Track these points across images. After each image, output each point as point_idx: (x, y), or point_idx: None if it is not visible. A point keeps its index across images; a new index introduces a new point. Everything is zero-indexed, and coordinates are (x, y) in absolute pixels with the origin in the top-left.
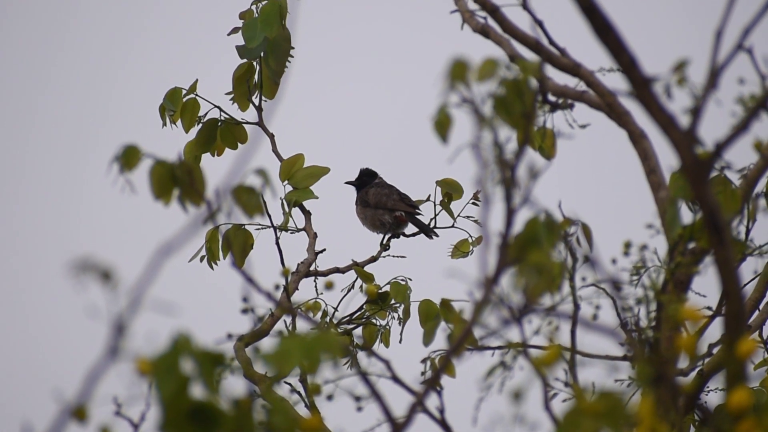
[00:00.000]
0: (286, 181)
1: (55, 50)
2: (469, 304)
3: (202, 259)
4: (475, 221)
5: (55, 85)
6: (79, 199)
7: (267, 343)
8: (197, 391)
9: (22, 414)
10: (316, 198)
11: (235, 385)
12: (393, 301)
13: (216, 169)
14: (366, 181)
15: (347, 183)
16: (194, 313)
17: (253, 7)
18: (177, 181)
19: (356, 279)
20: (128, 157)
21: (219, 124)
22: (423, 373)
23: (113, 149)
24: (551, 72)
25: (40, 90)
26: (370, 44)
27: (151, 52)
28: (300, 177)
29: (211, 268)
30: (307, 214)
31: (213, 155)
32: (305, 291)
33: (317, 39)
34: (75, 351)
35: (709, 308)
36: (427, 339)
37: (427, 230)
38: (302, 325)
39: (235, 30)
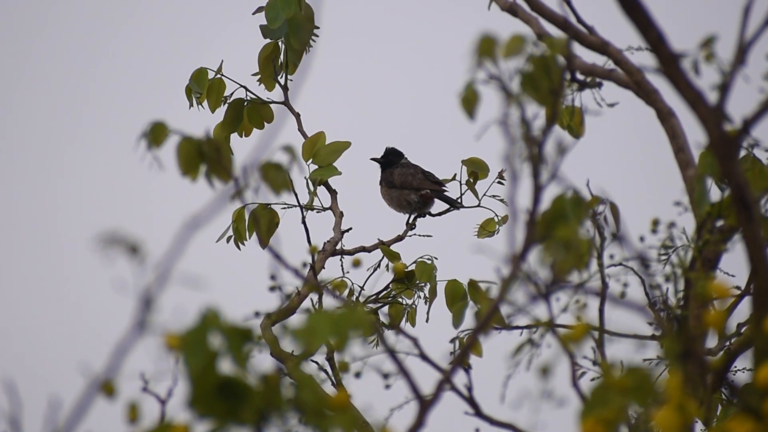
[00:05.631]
0: (310, 161)
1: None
2: (496, 282)
3: (228, 240)
4: (501, 200)
5: (86, 63)
6: (107, 174)
7: (294, 321)
8: (225, 367)
9: (50, 388)
10: (339, 174)
11: (262, 363)
12: (419, 281)
13: (242, 148)
14: (391, 160)
15: (372, 159)
16: (220, 291)
17: None
18: (204, 157)
19: (382, 258)
20: (156, 134)
21: (245, 103)
22: (452, 353)
23: (140, 126)
24: (579, 50)
25: (72, 68)
26: (396, 23)
27: (176, 32)
28: (323, 155)
29: (238, 248)
30: (333, 193)
31: (240, 136)
32: (331, 270)
33: (343, 18)
34: (102, 325)
35: (737, 288)
36: (456, 321)
37: (454, 203)
38: (329, 304)
39: (259, 9)
